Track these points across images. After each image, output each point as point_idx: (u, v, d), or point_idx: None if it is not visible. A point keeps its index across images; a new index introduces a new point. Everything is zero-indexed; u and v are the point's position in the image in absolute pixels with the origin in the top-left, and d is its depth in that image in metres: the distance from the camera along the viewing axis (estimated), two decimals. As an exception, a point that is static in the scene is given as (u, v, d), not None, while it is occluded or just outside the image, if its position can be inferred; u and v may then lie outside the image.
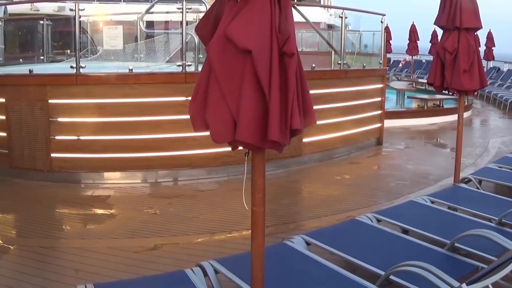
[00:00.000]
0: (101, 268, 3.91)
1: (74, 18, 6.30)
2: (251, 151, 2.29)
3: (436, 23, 5.48)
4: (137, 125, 6.21)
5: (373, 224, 4.22)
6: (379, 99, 8.75)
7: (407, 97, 12.94)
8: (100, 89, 6.18)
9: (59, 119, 6.11)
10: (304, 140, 7.14)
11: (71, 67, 6.15)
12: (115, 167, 6.27)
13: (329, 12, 18.92)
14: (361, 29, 12.24)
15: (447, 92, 5.73)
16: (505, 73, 18.40)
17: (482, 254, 3.49)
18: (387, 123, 9.25)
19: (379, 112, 8.77)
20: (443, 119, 11.50)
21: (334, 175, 6.93)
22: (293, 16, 2.22)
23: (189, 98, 2.29)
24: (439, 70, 5.43)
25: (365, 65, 8.84)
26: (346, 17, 8.07)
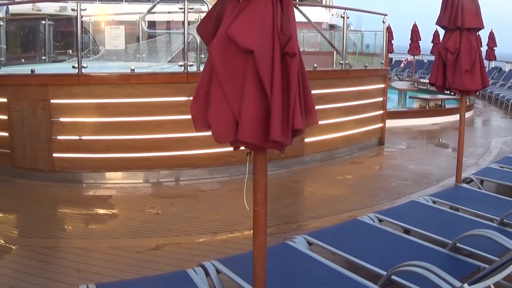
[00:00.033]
0: (103, 268, 3.91)
1: (76, 18, 6.31)
2: (253, 151, 2.29)
3: (437, 23, 5.47)
4: (139, 125, 6.21)
5: (375, 224, 4.22)
6: (381, 99, 8.75)
7: (409, 97, 12.91)
8: (102, 89, 6.18)
9: (61, 119, 6.12)
10: (306, 140, 7.14)
11: (73, 67, 6.16)
12: (117, 167, 6.28)
13: (331, 12, 18.89)
14: (363, 29, 12.25)
15: (449, 92, 5.72)
16: (506, 73, 18.39)
17: (484, 254, 3.49)
18: (389, 123, 9.24)
19: (381, 112, 8.77)
20: (445, 119, 11.49)
21: (336, 175, 6.92)
22: (295, 16, 2.23)
23: (191, 98, 2.29)
24: (441, 70, 5.42)
25: (367, 65, 8.82)
26: (348, 17, 8.06)
